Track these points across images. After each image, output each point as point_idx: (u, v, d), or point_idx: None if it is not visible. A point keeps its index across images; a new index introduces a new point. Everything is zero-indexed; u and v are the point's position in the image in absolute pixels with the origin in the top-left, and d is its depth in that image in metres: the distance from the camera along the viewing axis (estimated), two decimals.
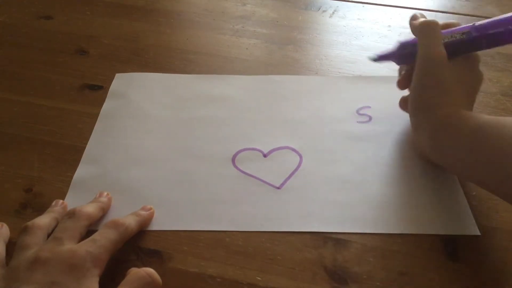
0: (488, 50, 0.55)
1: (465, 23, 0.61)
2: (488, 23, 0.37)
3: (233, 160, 0.41)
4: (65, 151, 0.42)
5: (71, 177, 0.39)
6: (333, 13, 0.62)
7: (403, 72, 0.43)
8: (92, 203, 0.36)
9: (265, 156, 0.42)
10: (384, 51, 0.44)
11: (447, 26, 0.39)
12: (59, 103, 0.47)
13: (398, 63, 0.43)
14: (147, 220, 0.36)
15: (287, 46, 0.56)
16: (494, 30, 0.36)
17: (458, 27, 0.39)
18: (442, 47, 0.37)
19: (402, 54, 0.42)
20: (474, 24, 0.37)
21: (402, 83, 0.43)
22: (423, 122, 0.37)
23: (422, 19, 0.39)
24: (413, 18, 0.41)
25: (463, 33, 0.37)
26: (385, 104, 0.46)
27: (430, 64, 0.37)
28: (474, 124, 0.34)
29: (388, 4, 0.64)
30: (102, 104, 0.47)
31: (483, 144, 0.32)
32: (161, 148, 0.42)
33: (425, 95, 0.37)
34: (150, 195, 0.38)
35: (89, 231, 0.33)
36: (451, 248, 0.35)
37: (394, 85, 0.43)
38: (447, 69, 0.37)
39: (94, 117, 0.45)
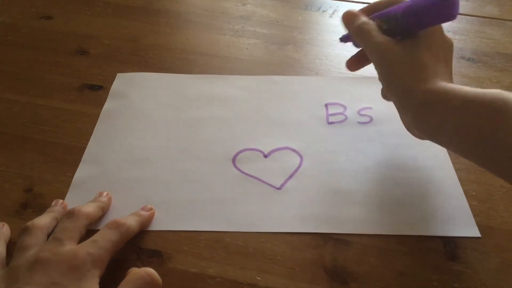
0: (487, 50, 0.55)
1: (465, 23, 0.61)
2: (411, 11, 0.35)
3: (233, 160, 0.41)
4: (65, 151, 0.42)
5: (71, 177, 0.39)
6: (333, 13, 0.62)
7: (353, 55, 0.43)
8: (91, 202, 0.36)
9: (265, 156, 0.42)
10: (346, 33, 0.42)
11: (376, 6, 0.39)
12: (59, 103, 0.47)
13: (356, 45, 0.42)
14: (148, 221, 0.36)
15: (287, 46, 0.56)
16: (415, 18, 0.35)
17: (392, 9, 0.37)
18: (380, 36, 0.36)
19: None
20: (402, 6, 0.36)
21: (350, 64, 0.43)
22: (403, 104, 0.36)
23: (350, 13, 0.39)
24: (345, 15, 0.40)
25: (395, 17, 0.36)
26: (386, 105, 0.46)
27: (379, 55, 0.36)
28: (457, 99, 0.32)
29: None
30: (102, 104, 0.47)
31: (472, 119, 0.31)
32: (162, 148, 0.42)
33: (392, 80, 0.36)
34: (150, 195, 0.38)
35: (90, 231, 0.33)
36: (451, 248, 0.35)
37: None
38: (398, 50, 0.35)
39: (94, 117, 0.45)
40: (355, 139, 0.43)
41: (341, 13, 0.40)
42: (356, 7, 0.37)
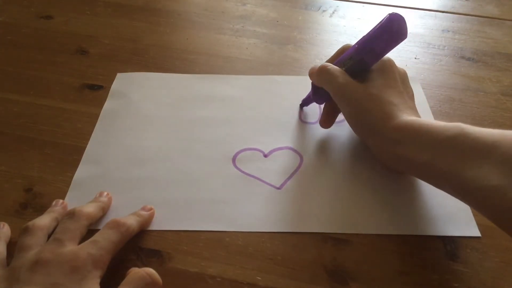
0: (487, 50, 0.55)
1: (465, 23, 0.61)
2: (362, 42, 0.38)
3: (233, 160, 0.41)
4: (65, 151, 0.42)
5: (71, 177, 0.39)
6: (333, 13, 0.62)
7: (322, 112, 0.44)
8: (92, 202, 0.36)
9: (265, 156, 0.42)
10: (305, 97, 0.45)
11: (340, 53, 0.41)
12: (59, 103, 0.47)
13: (319, 103, 0.44)
14: (148, 220, 0.36)
15: (287, 46, 0.56)
16: (367, 45, 0.38)
17: (345, 53, 0.40)
18: (343, 76, 0.38)
19: (317, 95, 0.42)
20: (354, 46, 0.39)
21: (325, 122, 0.43)
22: (377, 143, 0.37)
23: (315, 67, 0.41)
24: (311, 70, 0.42)
25: (350, 57, 0.39)
26: None
27: (344, 95, 0.38)
28: (423, 136, 0.33)
29: (388, 4, 0.64)
30: (102, 104, 0.47)
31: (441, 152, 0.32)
32: (162, 148, 0.42)
33: (359, 118, 0.37)
34: (150, 195, 0.38)
35: (90, 230, 0.33)
36: (451, 248, 0.35)
37: None
38: (362, 89, 0.37)
39: (94, 117, 0.45)
40: (355, 139, 0.43)
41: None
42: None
